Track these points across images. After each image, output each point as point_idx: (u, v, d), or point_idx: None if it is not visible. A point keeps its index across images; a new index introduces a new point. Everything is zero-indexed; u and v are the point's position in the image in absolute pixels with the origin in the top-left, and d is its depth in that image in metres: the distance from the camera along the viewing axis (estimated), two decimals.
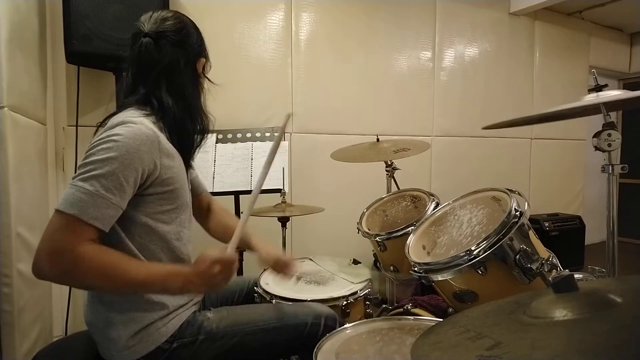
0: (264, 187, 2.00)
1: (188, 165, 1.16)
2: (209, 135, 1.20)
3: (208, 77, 1.19)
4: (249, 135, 2.17)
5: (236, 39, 2.63)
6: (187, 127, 1.09)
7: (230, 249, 1.00)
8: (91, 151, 0.92)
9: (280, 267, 1.29)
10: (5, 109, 1.47)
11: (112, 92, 2.11)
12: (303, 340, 1.13)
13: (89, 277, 0.88)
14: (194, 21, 1.18)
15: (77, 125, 2.17)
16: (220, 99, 1.24)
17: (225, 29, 2.58)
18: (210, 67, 1.20)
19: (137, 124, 0.96)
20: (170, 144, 1.04)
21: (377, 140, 2.15)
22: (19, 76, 1.64)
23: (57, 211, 0.86)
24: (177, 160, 1.06)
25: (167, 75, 1.07)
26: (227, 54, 2.54)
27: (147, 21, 1.10)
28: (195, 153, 1.17)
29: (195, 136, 1.14)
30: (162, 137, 1.01)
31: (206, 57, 1.18)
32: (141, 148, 0.93)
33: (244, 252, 2.14)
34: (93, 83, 2.22)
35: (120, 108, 1.07)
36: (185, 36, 1.11)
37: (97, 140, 0.94)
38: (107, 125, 0.99)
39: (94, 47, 1.85)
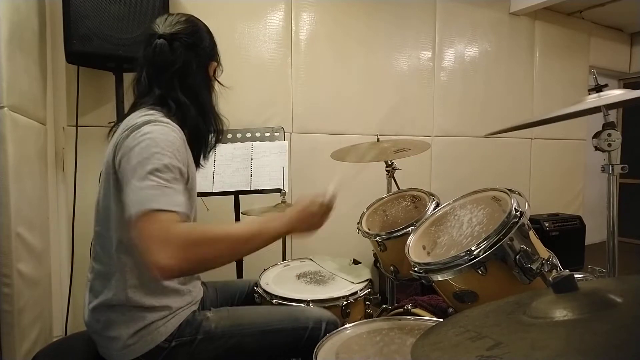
0: (263, 187, 2.02)
1: (198, 166, 1.18)
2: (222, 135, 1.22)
3: (219, 80, 1.21)
4: (248, 135, 2.17)
5: (236, 39, 2.63)
6: (200, 128, 1.12)
7: (328, 195, 1.04)
8: (129, 155, 0.92)
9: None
10: (5, 109, 1.47)
11: (112, 92, 2.11)
12: (303, 344, 1.13)
13: (209, 253, 0.87)
14: None
15: (77, 125, 2.17)
16: (220, 99, 1.25)
17: (225, 29, 2.58)
18: (222, 71, 1.22)
19: (164, 123, 0.98)
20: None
21: (378, 140, 2.14)
22: (19, 76, 1.64)
23: (134, 215, 0.84)
24: (192, 160, 1.09)
25: (180, 76, 1.09)
26: (227, 54, 2.50)
27: (162, 23, 1.11)
28: (209, 154, 1.19)
29: (210, 137, 1.16)
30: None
31: (218, 61, 1.20)
32: (176, 143, 0.96)
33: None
34: (93, 83, 2.22)
35: (135, 107, 1.08)
36: (198, 39, 1.13)
37: (132, 145, 0.93)
38: (129, 125, 0.98)
39: (94, 47, 1.85)
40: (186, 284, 1.13)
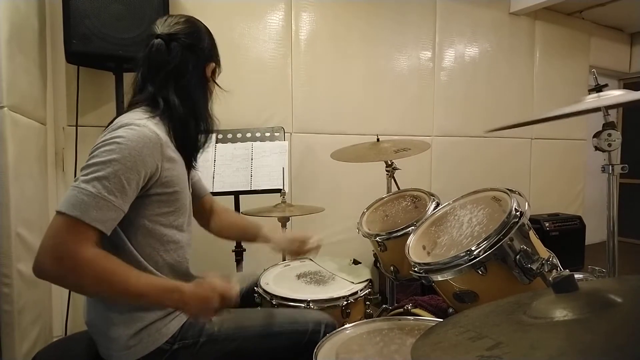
0: (263, 187, 2.02)
1: (190, 168, 1.16)
2: (212, 137, 1.21)
3: (217, 82, 1.21)
4: (248, 135, 2.17)
5: (236, 38, 2.63)
6: (190, 128, 1.10)
7: (234, 285, 1.01)
8: (94, 153, 0.92)
9: (297, 247, 1.31)
10: (5, 109, 1.47)
11: (112, 92, 2.11)
12: (303, 346, 1.13)
13: (89, 281, 0.87)
14: None
15: (77, 125, 2.17)
16: (220, 99, 1.25)
17: (225, 29, 2.58)
18: (221, 72, 1.22)
19: (140, 127, 0.96)
20: (174, 146, 1.05)
21: (378, 140, 2.14)
22: (19, 76, 1.64)
23: (59, 213, 0.86)
24: (179, 163, 1.07)
25: (175, 76, 1.08)
26: (227, 54, 2.52)
27: (162, 24, 1.12)
28: (199, 155, 1.18)
29: (199, 137, 1.14)
30: (165, 139, 1.01)
31: (217, 62, 1.20)
32: (144, 151, 0.94)
33: (244, 252, 2.15)
34: (93, 83, 2.22)
35: (129, 108, 1.08)
36: (197, 40, 1.13)
37: (100, 142, 0.94)
38: (112, 126, 0.99)
39: (93, 47, 1.85)
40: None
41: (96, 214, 0.86)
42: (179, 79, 1.09)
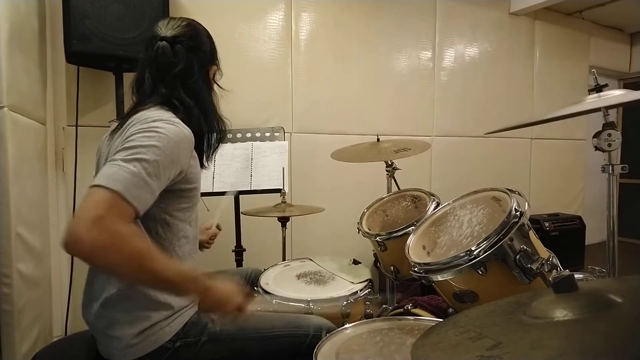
0: (263, 187, 2.02)
1: (203, 166, 1.19)
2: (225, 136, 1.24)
3: (219, 83, 1.24)
4: (248, 135, 2.17)
5: (236, 38, 2.63)
6: (203, 129, 1.13)
7: (250, 305, 1.05)
8: (131, 137, 0.93)
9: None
10: (5, 109, 1.47)
11: (112, 92, 2.11)
12: (304, 350, 1.14)
13: (120, 258, 0.82)
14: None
15: (77, 125, 2.17)
16: (220, 100, 1.26)
17: (225, 29, 2.58)
18: (222, 75, 1.24)
19: (177, 123, 0.99)
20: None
21: (378, 140, 2.14)
22: (19, 76, 1.64)
23: (99, 186, 0.82)
24: (197, 160, 1.11)
25: (182, 78, 1.11)
26: (227, 54, 2.52)
27: (164, 26, 1.14)
28: (212, 155, 1.21)
29: (212, 138, 1.17)
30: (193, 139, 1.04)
31: (217, 65, 1.23)
32: (181, 145, 0.97)
33: (244, 252, 2.15)
34: (93, 83, 2.22)
35: (142, 106, 1.08)
36: (199, 43, 1.16)
37: (137, 130, 0.95)
38: (141, 120, 0.99)
39: (93, 47, 1.85)
40: None
41: (136, 192, 0.85)
42: (186, 81, 1.11)
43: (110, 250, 0.80)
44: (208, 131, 1.16)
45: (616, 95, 1.14)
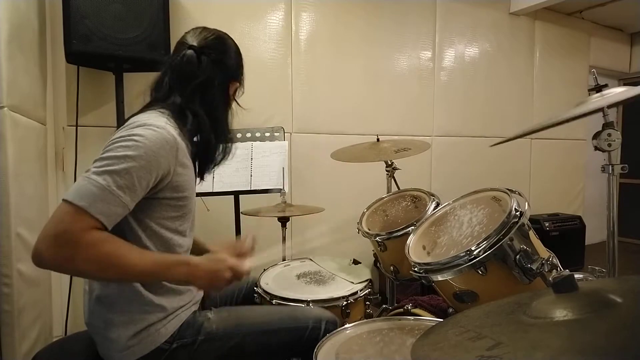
0: (263, 187, 2.02)
1: (201, 177, 1.19)
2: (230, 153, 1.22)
3: (237, 101, 1.23)
4: (248, 135, 2.17)
5: (236, 38, 2.59)
6: (211, 143, 1.12)
7: (247, 263, 1.03)
8: (109, 147, 0.92)
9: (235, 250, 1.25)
10: (5, 109, 1.47)
11: (112, 92, 2.11)
12: (303, 343, 1.13)
13: (91, 267, 0.86)
14: (194, 22, 1.20)
15: (77, 125, 2.17)
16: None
17: (225, 29, 2.55)
18: (243, 92, 1.23)
19: (159, 129, 0.96)
20: (189, 153, 1.06)
21: (378, 140, 2.14)
22: (19, 76, 1.64)
23: (65, 201, 0.85)
24: (190, 169, 1.08)
25: (202, 89, 1.10)
26: None
27: (193, 35, 1.14)
28: (213, 169, 1.20)
29: (218, 152, 1.16)
30: (182, 145, 1.02)
31: (241, 81, 1.22)
32: (160, 152, 0.94)
33: None
34: (93, 83, 2.22)
35: (145, 108, 1.08)
36: (226, 57, 1.16)
37: (117, 138, 0.94)
38: (128, 124, 0.99)
39: (93, 47, 1.85)
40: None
41: (102, 207, 0.86)
42: (205, 92, 1.10)
43: (74, 261, 0.84)
44: (215, 146, 1.14)
45: (619, 92, 1.13)
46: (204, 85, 1.10)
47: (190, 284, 1.01)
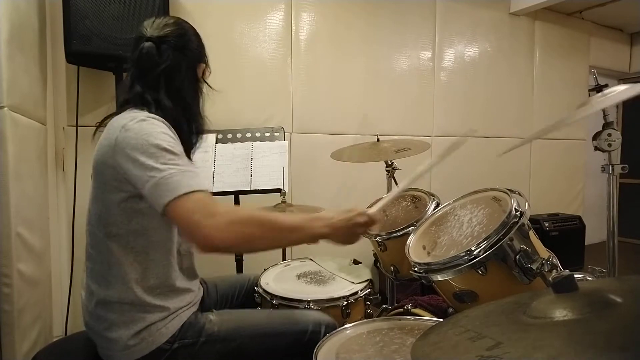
0: (263, 187, 2.02)
1: None
2: (207, 136, 1.22)
3: (207, 82, 1.22)
4: (248, 135, 2.17)
5: (236, 39, 2.63)
6: (183, 129, 1.11)
7: (377, 209, 1.07)
8: (134, 152, 0.95)
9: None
10: (5, 109, 1.47)
11: (112, 92, 2.11)
12: (303, 346, 1.13)
13: (250, 227, 0.93)
14: (194, 22, 1.20)
15: (77, 125, 2.17)
16: (220, 99, 1.25)
17: (225, 29, 2.58)
18: (210, 72, 1.22)
19: (149, 118, 1.01)
20: None
21: (378, 140, 2.14)
22: (19, 76, 1.64)
23: (171, 202, 0.89)
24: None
25: (167, 78, 1.09)
26: (227, 54, 2.54)
27: (150, 26, 1.12)
28: (191, 155, 1.18)
29: (192, 138, 1.16)
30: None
31: (206, 62, 1.21)
32: (170, 133, 1.01)
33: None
34: (93, 83, 2.22)
35: (120, 109, 1.08)
36: (187, 42, 1.14)
37: (131, 136, 0.97)
38: (121, 124, 0.99)
39: (93, 47, 1.85)
40: (189, 281, 1.14)
41: (195, 181, 0.93)
42: (171, 80, 1.10)
43: (240, 236, 0.92)
44: (188, 131, 1.14)
45: (621, 90, 1.12)
46: (169, 73, 1.09)
47: (327, 237, 1.03)
